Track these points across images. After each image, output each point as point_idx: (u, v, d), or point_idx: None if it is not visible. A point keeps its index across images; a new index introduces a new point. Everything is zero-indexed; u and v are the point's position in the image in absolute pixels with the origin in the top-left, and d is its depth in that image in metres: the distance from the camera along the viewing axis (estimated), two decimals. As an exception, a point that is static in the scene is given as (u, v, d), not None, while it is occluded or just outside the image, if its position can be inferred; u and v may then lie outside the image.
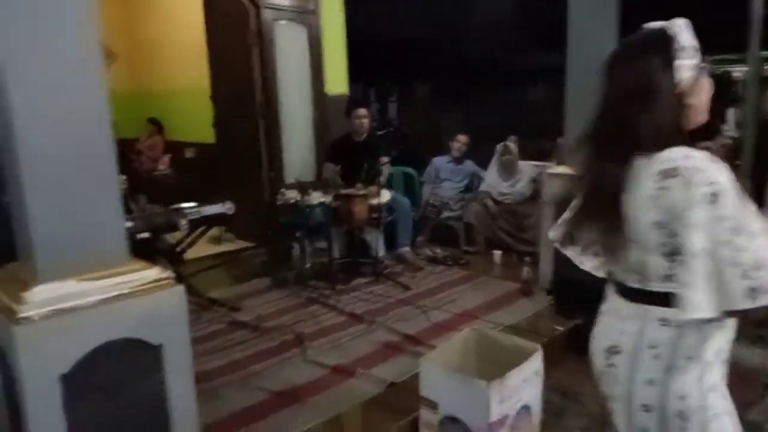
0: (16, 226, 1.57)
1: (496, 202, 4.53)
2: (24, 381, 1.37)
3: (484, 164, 5.07)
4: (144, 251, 2.26)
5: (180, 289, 1.59)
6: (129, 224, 2.31)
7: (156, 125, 5.94)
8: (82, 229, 1.48)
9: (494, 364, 2.26)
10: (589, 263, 1.38)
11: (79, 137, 1.47)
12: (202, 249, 4.10)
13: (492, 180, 4.63)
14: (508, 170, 4.56)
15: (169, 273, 1.59)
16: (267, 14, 4.47)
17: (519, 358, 2.18)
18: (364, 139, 4.44)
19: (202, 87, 5.11)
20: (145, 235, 2.79)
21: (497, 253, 4.25)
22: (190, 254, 3.55)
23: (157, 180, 5.59)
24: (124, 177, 2.75)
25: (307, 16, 4.75)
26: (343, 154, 4.42)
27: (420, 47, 10.69)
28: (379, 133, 4.81)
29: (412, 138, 7.88)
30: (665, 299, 1.14)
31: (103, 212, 1.52)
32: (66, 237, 1.46)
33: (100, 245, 1.52)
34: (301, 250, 4.08)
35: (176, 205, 3.09)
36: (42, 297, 1.40)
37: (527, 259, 3.64)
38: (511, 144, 4.62)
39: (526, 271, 3.54)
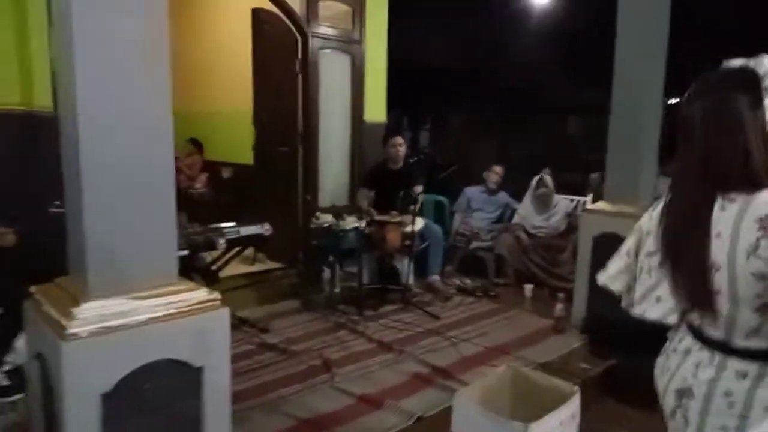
0: (70, 238, 1.61)
1: (529, 234, 4.48)
2: (66, 397, 1.38)
3: (515, 195, 5.04)
4: (181, 268, 2.29)
5: (225, 312, 1.60)
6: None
7: (196, 145, 6.08)
8: (136, 246, 1.51)
9: (529, 404, 2.20)
10: (655, 311, 1.30)
11: (142, 154, 1.51)
12: (233, 268, 4.13)
13: (526, 212, 4.59)
14: (543, 203, 4.52)
15: (215, 295, 1.60)
16: (314, 43, 4.58)
17: (555, 399, 2.13)
18: (400, 167, 4.47)
19: (244, 110, 5.23)
20: (184, 252, 2.83)
21: (528, 287, 4.18)
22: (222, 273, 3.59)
23: (193, 198, 5.69)
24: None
25: (352, 46, 4.85)
26: (379, 180, 4.45)
27: (455, 77, 10.79)
28: (411, 160, 4.84)
29: (445, 167, 7.90)
30: (746, 353, 1.11)
31: (159, 231, 1.55)
32: (120, 253, 1.49)
33: (151, 263, 1.55)
34: (331, 274, 4.10)
35: (215, 224, 3.14)
36: (91, 313, 1.43)
37: (561, 295, 3.57)
38: (547, 177, 4.58)
39: (559, 308, 3.47)
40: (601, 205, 3.56)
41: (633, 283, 1.35)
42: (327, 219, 4.02)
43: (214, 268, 3.34)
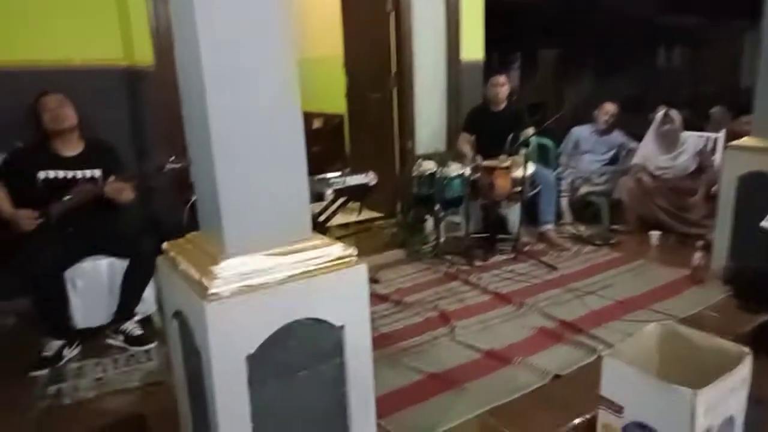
0: (200, 195, 1.53)
1: (652, 176, 4.05)
2: (212, 360, 1.31)
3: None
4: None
5: (363, 267, 1.47)
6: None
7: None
8: (270, 201, 1.40)
9: (683, 367, 1.96)
10: None
11: (271, 107, 1.37)
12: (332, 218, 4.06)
13: (648, 152, 4.13)
14: (668, 141, 4.05)
15: (352, 250, 1.47)
16: (406, -22, 4.27)
17: (719, 362, 1.87)
18: (503, 108, 4.15)
19: (335, 57, 5.05)
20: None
21: (655, 234, 3.81)
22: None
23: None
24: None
25: (446, -23, 4.49)
26: (481, 124, 4.18)
27: (549, 11, 9.98)
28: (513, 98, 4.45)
29: (547, 107, 7.42)
30: None
31: (291, 184, 1.44)
32: (254, 209, 1.39)
33: (285, 218, 1.44)
34: (435, 224, 3.94)
35: (322, 175, 3.04)
36: (231, 272, 1.34)
37: (699, 243, 3.20)
38: (673, 112, 4.08)
39: (698, 256, 3.11)
40: (747, 140, 3.11)
41: None
42: (429, 166, 3.82)
43: (320, 219, 3.26)
